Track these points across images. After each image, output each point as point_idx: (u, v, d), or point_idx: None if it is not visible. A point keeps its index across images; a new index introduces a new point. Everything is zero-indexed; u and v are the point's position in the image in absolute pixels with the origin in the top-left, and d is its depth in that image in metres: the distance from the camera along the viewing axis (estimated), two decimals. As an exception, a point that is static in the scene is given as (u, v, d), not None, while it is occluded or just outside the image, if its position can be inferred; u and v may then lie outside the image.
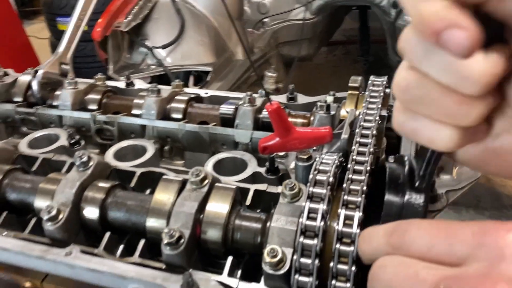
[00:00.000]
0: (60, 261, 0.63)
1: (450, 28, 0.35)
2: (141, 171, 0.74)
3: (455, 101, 0.39)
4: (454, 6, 0.35)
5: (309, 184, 0.54)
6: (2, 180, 0.74)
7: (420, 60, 0.40)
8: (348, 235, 0.51)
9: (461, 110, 0.39)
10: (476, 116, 0.39)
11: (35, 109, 0.96)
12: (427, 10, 0.36)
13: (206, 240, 0.63)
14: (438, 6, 0.35)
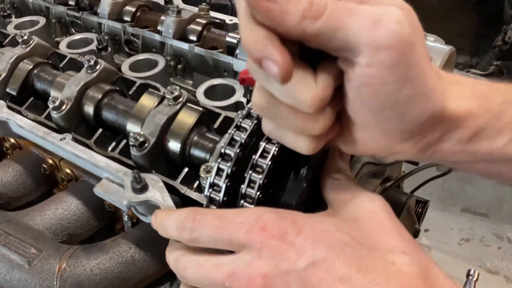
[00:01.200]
0: (56, 143, 0.77)
1: (264, 59, 0.39)
2: (140, 82, 0.85)
3: (301, 119, 0.45)
4: (270, 37, 0.40)
5: (240, 117, 0.60)
6: (32, 69, 0.89)
7: (264, 82, 0.45)
8: (260, 166, 0.58)
9: (307, 125, 0.46)
10: (321, 128, 0.46)
11: (81, 14, 1.10)
12: (247, 39, 0.41)
13: (168, 150, 0.74)
14: (256, 37, 0.40)
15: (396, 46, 0.39)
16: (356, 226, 0.49)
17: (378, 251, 0.46)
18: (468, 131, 0.46)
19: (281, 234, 0.46)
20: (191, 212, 0.51)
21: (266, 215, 0.48)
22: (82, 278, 0.76)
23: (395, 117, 0.44)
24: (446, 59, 0.73)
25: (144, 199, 0.66)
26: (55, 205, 0.89)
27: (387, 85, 0.42)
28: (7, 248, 0.79)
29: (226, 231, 0.47)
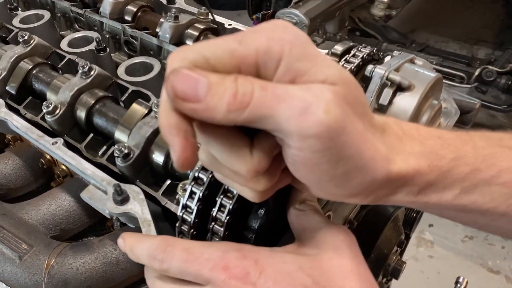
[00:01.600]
0: (47, 147, 0.81)
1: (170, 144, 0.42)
2: (133, 89, 0.88)
3: (242, 180, 0.47)
4: (178, 127, 0.41)
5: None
6: (31, 70, 0.93)
7: (206, 146, 0.46)
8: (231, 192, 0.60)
9: (249, 185, 0.48)
10: (263, 187, 0.47)
11: (83, 11, 1.12)
12: (161, 121, 0.42)
13: (152, 161, 0.76)
14: (167, 122, 0.42)
15: (323, 135, 0.40)
16: (318, 265, 0.51)
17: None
18: (417, 187, 0.47)
19: (243, 275, 0.48)
20: (162, 242, 0.53)
21: (230, 254, 0.50)
22: (68, 276, 0.81)
23: (335, 187, 0.46)
24: (430, 86, 0.74)
25: (124, 211, 0.70)
26: (49, 201, 0.93)
27: (321, 165, 0.43)
28: (1, 242, 0.84)
29: (193, 266, 0.50)
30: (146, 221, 0.69)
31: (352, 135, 0.42)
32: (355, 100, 0.43)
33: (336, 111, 0.40)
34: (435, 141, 0.48)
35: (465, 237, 2.82)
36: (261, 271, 0.48)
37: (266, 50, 0.41)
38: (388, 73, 0.73)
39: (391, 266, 1.06)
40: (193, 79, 0.39)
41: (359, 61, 0.77)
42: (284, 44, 0.41)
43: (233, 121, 0.41)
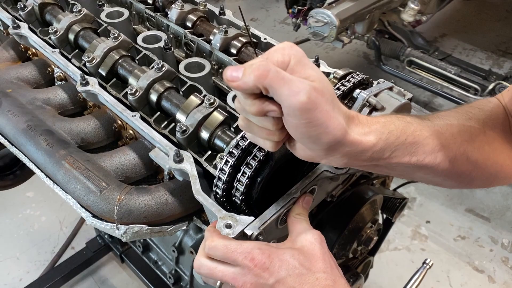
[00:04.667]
0: (129, 119, 1.21)
1: (269, 112, 0.78)
2: (190, 83, 1.27)
3: (267, 133, 0.83)
4: (259, 101, 0.77)
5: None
6: (118, 59, 1.32)
7: (246, 115, 0.83)
8: (251, 164, 0.99)
9: (271, 137, 0.83)
10: (278, 138, 0.83)
11: (155, 14, 1.51)
12: (250, 109, 0.78)
13: (200, 137, 1.16)
14: (255, 106, 0.77)
15: (303, 109, 0.72)
16: (301, 252, 0.90)
17: (311, 271, 0.86)
18: (370, 152, 0.84)
19: (262, 264, 0.86)
20: (220, 244, 0.91)
21: (254, 251, 0.87)
22: (132, 208, 1.21)
23: (311, 142, 0.79)
24: (397, 109, 1.10)
25: (179, 167, 1.10)
26: (120, 155, 1.33)
27: (300, 127, 0.76)
28: (87, 179, 1.25)
29: (231, 256, 0.88)
30: (194, 176, 1.08)
31: (322, 111, 0.74)
32: (326, 92, 0.75)
33: (312, 96, 0.72)
34: (378, 124, 0.85)
35: (457, 236, 3.15)
36: (271, 261, 0.86)
37: (282, 61, 0.75)
38: (368, 97, 1.10)
39: (364, 236, 1.44)
40: (235, 68, 0.74)
41: (351, 85, 1.14)
42: (290, 56, 0.75)
43: (257, 86, 0.72)
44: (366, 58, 4.41)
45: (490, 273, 2.98)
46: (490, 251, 3.09)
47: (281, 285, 0.85)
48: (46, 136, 1.32)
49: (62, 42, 1.43)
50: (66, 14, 1.46)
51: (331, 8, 2.92)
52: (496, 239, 3.15)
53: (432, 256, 3.06)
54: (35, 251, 3.03)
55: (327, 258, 0.91)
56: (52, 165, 1.28)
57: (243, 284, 0.86)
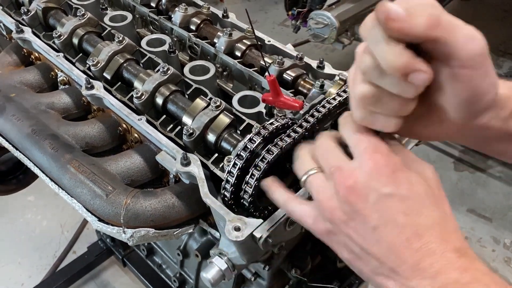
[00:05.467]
0: (135, 122, 1.21)
1: (416, 72, 0.59)
2: (195, 86, 1.27)
3: (400, 102, 0.65)
4: (409, 52, 0.59)
5: (253, 132, 1.02)
6: (123, 63, 1.33)
7: (377, 79, 0.63)
8: (259, 166, 0.99)
9: (403, 108, 0.66)
10: (410, 109, 0.67)
11: (158, 17, 1.51)
12: (395, 60, 0.58)
13: (207, 140, 1.16)
14: (403, 57, 0.58)
15: (483, 54, 0.60)
16: (429, 185, 0.69)
17: (440, 206, 0.68)
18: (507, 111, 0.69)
19: (391, 164, 0.67)
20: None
21: (381, 148, 0.69)
22: (139, 212, 1.21)
23: (472, 104, 0.65)
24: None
25: (187, 170, 1.10)
26: (125, 159, 1.33)
27: (473, 80, 0.61)
28: (93, 183, 1.25)
29: (353, 141, 0.72)
30: (201, 179, 1.09)
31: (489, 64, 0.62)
32: None
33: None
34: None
35: (459, 236, 3.16)
36: (396, 170, 0.68)
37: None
38: (374, 98, 1.10)
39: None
40: (396, 7, 0.57)
41: (357, 87, 1.14)
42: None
43: (426, 36, 0.58)
44: (366, 60, 4.41)
45: (492, 273, 2.98)
46: (493, 252, 3.10)
47: (397, 201, 0.66)
48: (51, 140, 1.33)
49: (66, 46, 1.43)
50: (70, 18, 1.46)
51: (331, 10, 2.93)
52: (498, 239, 3.16)
53: (434, 256, 3.05)
54: (37, 256, 3.02)
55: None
56: (58, 169, 1.28)
57: (347, 176, 0.69)
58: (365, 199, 0.67)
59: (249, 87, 1.35)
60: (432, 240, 0.64)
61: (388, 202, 0.66)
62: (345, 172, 0.70)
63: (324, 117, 1.09)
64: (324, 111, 1.08)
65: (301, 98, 1.22)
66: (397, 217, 0.66)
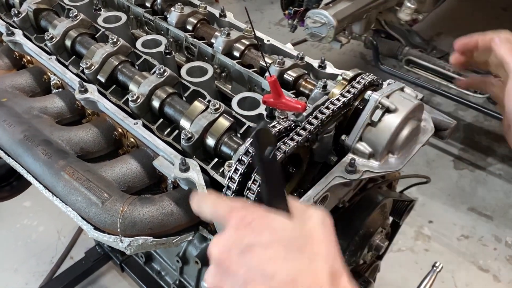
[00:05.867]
0: (130, 126, 1.16)
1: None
2: (193, 88, 1.22)
3: None
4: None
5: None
6: (117, 65, 1.27)
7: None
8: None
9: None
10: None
11: (154, 18, 1.46)
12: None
13: (206, 144, 1.11)
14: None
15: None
16: (298, 228, 0.69)
17: (302, 251, 0.66)
18: None
19: (249, 216, 0.69)
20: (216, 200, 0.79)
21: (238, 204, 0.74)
22: (136, 219, 1.16)
23: None
24: (410, 111, 1.06)
25: (186, 176, 1.05)
26: (121, 164, 1.28)
27: None
28: (88, 190, 1.20)
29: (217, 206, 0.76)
30: (201, 185, 1.03)
31: None
32: None
33: None
34: None
35: (461, 235, 3.12)
36: (256, 220, 0.69)
37: None
38: (380, 98, 1.06)
39: (376, 242, 1.39)
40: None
41: (361, 86, 1.10)
42: None
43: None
44: (363, 58, 4.37)
45: (495, 272, 2.95)
46: (494, 250, 3.06)
47: (260, 250, 0.65)
48: (44, 146, 1.27)
49: (59, 49, 1.38)
50: (62, 20, 1.41)
51: (328, 9, 2.88)
52: (500, 237, 3.12)
53: (436, 256, 3.02)
54: (34, 262, 2.96)
55: (331, 244, 0.69)
56: (51, 176, 1.23)
57: (215, 243, 0.71)
58: (229, 256, 0.67)
59: (248, 88, 1.30)
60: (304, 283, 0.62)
61: (252, 252, 0.65)
62: (214, 240, 0.71)
63: (328, 119, 1.04)
64: (328, 113, 1.04)
65: (303, 99, 1.17)
66: (265, 267, 0.64)
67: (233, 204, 0.73)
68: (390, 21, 3.45)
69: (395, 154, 1.10)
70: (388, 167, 1.07)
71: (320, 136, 1.05)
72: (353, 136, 1.08)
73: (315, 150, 1.07)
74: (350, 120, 1.11)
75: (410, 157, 1.11)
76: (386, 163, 1.08)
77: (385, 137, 1.05)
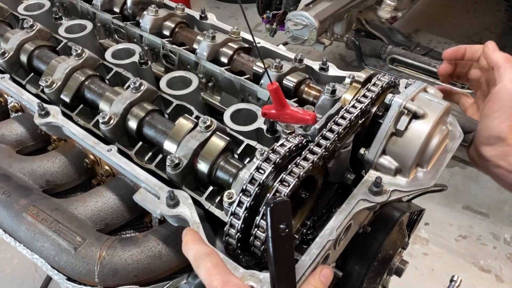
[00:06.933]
0: (103, 154, 0.94)
1: None
2: (177, 103, 1.00)
3: None
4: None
5: (260, 159, 0.76)
6: (84, 81, 1.05)
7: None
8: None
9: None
10: None
11: (124, 24, 1.24)
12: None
13: (197, 170, 0.89)
14: None
15: None
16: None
17: None
18: None
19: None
20: (204, 254, 0.75)
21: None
22: (117, 266, 0.94)
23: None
24: (441, 115, 0.87)
25: (175, 213, 0.83)
26: (95, 198, 1.06)
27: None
28: (57, 234, 0.97)
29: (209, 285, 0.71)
30: (195, 223, 0.82)
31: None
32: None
33: None
34: None
35: (459, 236, 2.97)
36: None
37: None
38: (405, 102, 0.86)
39: (396, 265, 1.19)
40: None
41: (379, 89, 0.90)
42: None
43: None
44: (343, 60, 4.22)
45: (497, 272, 2.81)
46: (494, 249, 2.92)
47: None
48: (2, 182, 1.05)
49: (13, 66, 1.14)
50: (16, 31, 1.18)
51: (309, 10, 2.70)
52: (498, 235, 2.99)
53: (436, 259, 2.87)
54: (10, 299, 2.69)
55: None
56: (11, 219, 1.01)
57: None
58: None
59: (241, 99, 1.09)
60: None
61: None
62: None
63: (344, 131, 0.84)
64: (345, 124, 0.83)
65: (311, 109, 0.96)
66: None
67: (224, 278, 0.71)
68: (370, 20, 3.30)
69: (424, 167, 0.91)
70: (419, 184, 0.88)
71: (337, 153, 0.84)
72: (374, 150, 0.88)
73: (330, 168, 0.86)
74: (368, 130, 0.90)
75: (442, 169, 0.92)
76: (415, 179, 0.89)
77: (414, 148, 0.86)
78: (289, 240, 0.67)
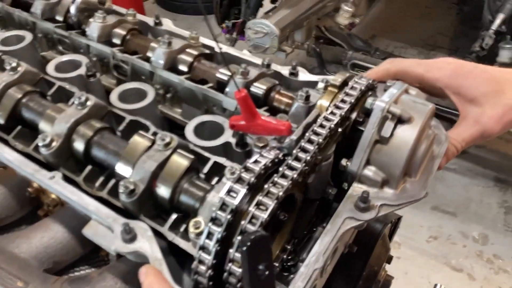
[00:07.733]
0: (45, 182, 0.78)
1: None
2: (130, 119, 0.86)
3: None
4: None
5: (231, 180, 0.62)
6: (20, 99, 0.89)
7: None
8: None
9: None
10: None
11: (68, 33, 1.08)
12: None
13: (157, 195, 0.75)
14: None
15: None
16: None
17: None
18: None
19: None
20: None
21: None
22: (69, 314, 0.79)
23: None
24: (427, 118, 0.76)
25: (133, 249, 0.68)
26: (41, 233, 0.90)
27: None
28: (-6, 279, 0.81)
29: None
30: (157, 260, 0.68)
31: None
32: None
33: None
34: None
35: (429, 237, 2.92)
36: None
37: None
38: (388, 106, 0.75)
39: (382, 281, 1.08)
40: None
41: (358, 93, 0.78)
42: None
43: None
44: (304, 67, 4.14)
45: (468, 270, 2.78)
46: (464, 247, 2.90)
47: None
48: None
49: None
50: None
51: (268, 18, 2.61)
52: (466, 233, 2.97)
53: (409, 262, 2.81)
54: None
55: None
56: None
57: None
58: None
59: (205, 110, 0.96)
60: None
61: None
62: None
63: (325, 140, 0.72)
64: (325, 133, 0.71)
65: (284, 118, 0.84)
66: None
67: None
68: (329, 27, 3.24)
69: (412, 176, 0.80)
70: (409, 196, 0.77)
71: (318, 166, 0.72)
72: (357, 160, 0.76)
73: (310, 184, 0.74)
74: (349, 139, 0.79)
75: (431, 177, 0.81)
76: (404, 191, 0.78)
77: (402, 156, 0.75)
78: (271, 283, 0.54)
